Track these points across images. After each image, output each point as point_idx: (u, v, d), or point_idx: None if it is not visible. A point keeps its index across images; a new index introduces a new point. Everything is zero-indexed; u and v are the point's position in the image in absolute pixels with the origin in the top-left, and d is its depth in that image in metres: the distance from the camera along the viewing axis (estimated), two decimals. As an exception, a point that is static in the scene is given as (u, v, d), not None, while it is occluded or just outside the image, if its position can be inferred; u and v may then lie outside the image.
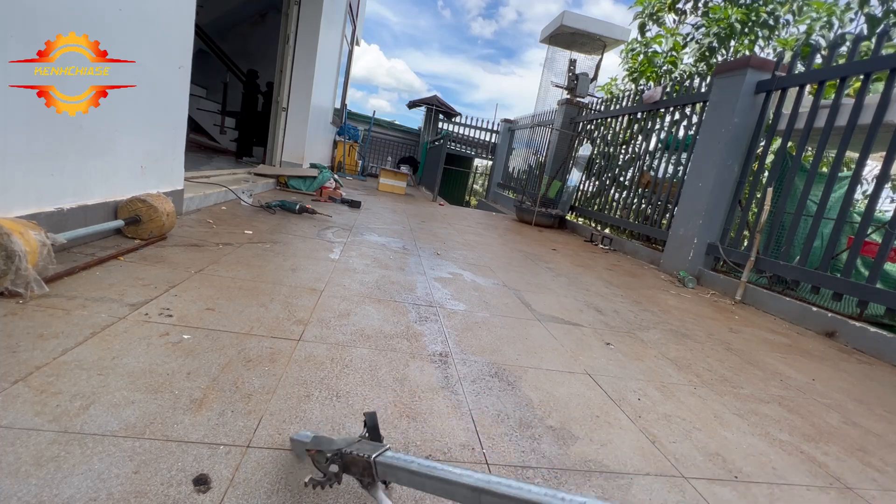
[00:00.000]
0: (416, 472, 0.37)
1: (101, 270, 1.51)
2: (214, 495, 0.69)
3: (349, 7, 7.25)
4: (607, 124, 5.89)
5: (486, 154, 11.88)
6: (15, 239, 1.18)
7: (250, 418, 0.89)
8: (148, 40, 1.97)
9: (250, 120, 6.41)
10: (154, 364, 1.01)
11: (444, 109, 11.53)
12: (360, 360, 1.23)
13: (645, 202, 4.71)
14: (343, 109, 9.19)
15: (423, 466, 0.39)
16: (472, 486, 0.31)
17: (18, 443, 0.72)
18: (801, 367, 1.86)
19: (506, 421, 1.06)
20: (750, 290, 2.96)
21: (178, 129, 2.40)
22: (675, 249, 3.68)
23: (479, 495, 0.30)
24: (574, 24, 6.39)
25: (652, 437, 1.11)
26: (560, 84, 6.66)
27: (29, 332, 1.05)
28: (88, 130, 1.70)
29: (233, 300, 1.46)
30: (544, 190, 6.49)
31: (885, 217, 3.98)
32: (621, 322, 2.06)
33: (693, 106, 4.22)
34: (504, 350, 1.48)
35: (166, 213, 1.96)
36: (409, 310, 1.71)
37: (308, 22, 5.23)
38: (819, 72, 2.96)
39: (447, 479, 0.27)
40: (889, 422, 1.47)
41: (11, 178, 1.40)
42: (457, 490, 0.34)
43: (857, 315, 2.45)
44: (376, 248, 2.74)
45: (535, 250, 3.76)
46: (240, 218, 2.82)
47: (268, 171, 4.80)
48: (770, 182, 3.16)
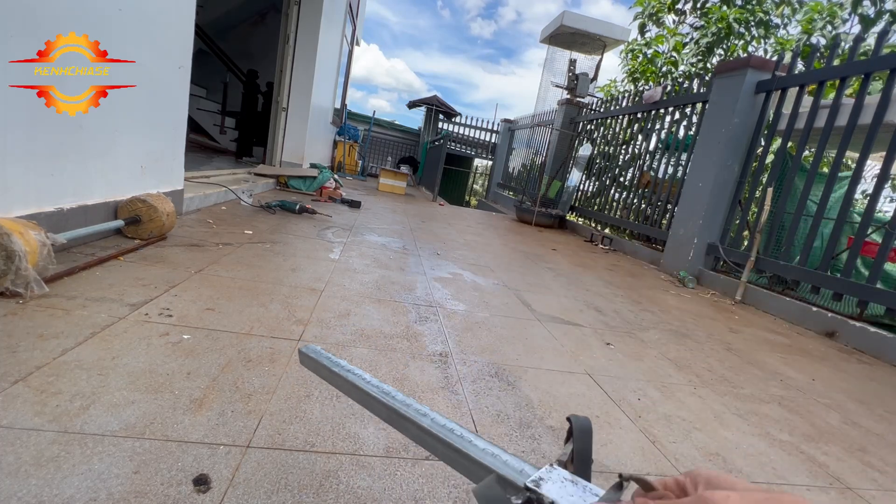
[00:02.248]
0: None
1: (101, 270, 1.51)
2: (214, 495, 0.69)
3: (349, 7, 7.25)
4: (607, 124, 5.89)
5: (486, 154, 11.87)
6: (15, 239, 1.18)
7: (250, 418, 0.89)
8: (148, 40, 1.97)
9: (250, 120, 6.40)
10: (154, 364, 1.01)
11: (444, 109, 11.52)
12: (360, 360, 1.23)
13: (645, 202, 4.71)
14: (343, 109, 9.19)
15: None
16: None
17: (18, 443, 0.72)
18: (802, 367, 1.86)
19: (506, 421, 1.06)
20: (750, 290, 2.96)
21: (178, 129, 2.40)
22: (675, 249, 3.68)
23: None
24: (574, 24, 6.39)
25: (652, 437, 1.11)
26: (560, 84, 6.65)
27: (29, 332, 1.05)
28: (88, 130, 1.70)
29: (233, 300, 1.46)
30: (544, 190, 6.49)
31: (885, 217, 3.98)
32: (621, 322, 2.06)
33: (693, 106, 4.22)
34: (504, 350, 1.48)
35: (166, 213, 1.96)
36: (409, 310, 1.71)
37: (308, 22, 5.22)
38: (819, 72, 2.96)
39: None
40: (889, 422, 1.47)
41: (11, 178, 1.40)
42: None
43: (857, 315, 2.45)
44: (376, 248, 2.74)
45: (535, 250, 3.76)
46: (240, 218, 2.82)
47: (268, 171, 4.80)
48: (770, 182, 3.15)
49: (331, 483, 0.77)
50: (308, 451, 0.84)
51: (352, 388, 0.41)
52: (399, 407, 0.38)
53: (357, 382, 0.41)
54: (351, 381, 0.41)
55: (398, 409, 0.38)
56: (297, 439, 0.86)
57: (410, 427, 0.37)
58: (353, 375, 0.42)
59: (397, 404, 0.38)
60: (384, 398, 0.38)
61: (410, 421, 0.37)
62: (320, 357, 0.42)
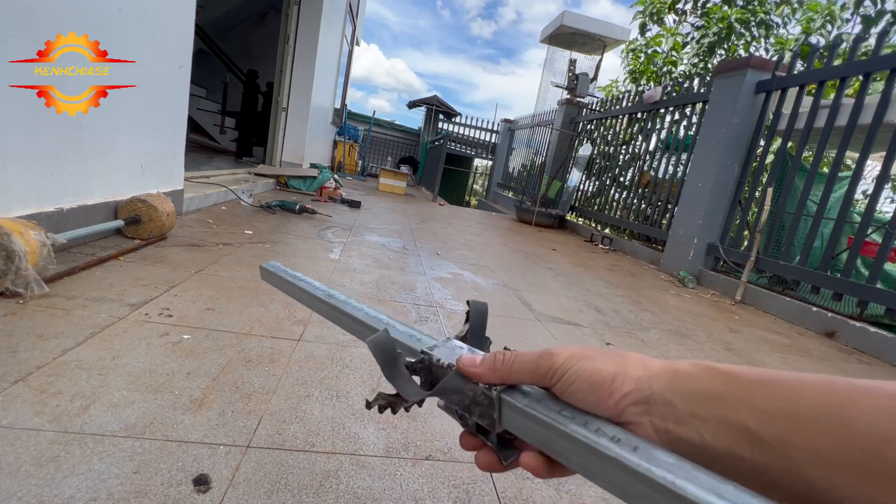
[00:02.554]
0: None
1: (101, 270, 1.51)
2: (214, 495, 0.69)
3: (349, 7, 7.25)
4: (607, 124, 5.90)
5: (486, 154, 11.88)
6: (15, 239, 1.18)
7: (250, 418, 0.89)
8: (148, 40, 1.97)
9: (250, 120, 6.41)
10: (154, 364, 1.01)
11: (444, 109, 11.52)
12: (361, 359, 1.23)
13: (645, 202, 4.72)
14: (343, 109, 9.19)
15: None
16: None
17: (18, 443, 0.72)
18: (802, 368, 1.86)
19: (506, 421, 1.06)
20: (750, 290, 2.96)
21: (178, 129, 2.40)
22: (675, 249, 3.68)
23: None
24: (574, 24, 6.39)
25: (652, 437, 1.11)
26: (560, 84, 6.66)
27: (29, 332, 1.05)
28: (88, 130, 1.70)
29: (233, 300, 1.46)
30: (544, 190, 6.49)
31: (885, 217, 3.98)
32: (621, 322, 2.06)
33: (693, 106, 4.22)
34: (504, 350, 1.47)
35: (166, 213, 1.96)
36: (410, 310, 1.71)
37: (308, 22, 5.23)
38: (819, 72, 2.96)
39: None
40: (889, 422, 1.47)
41: (11, 178, 1.40)
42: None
43: (857, 315, 2.45)
44: (376, 247, 2.74)
45: (535, 250, 3.76)
46: (240, 218, 2.82)
47: (268, 171, 4.80)
48: (770, 182, 3.16)
49: (331, 483, 0.77)
50: (308, 451, 0.84)
51: (302, 295, 0.48)
52: (338, 304, 0.45)
53: (307, 288, 0.48)
54: (301, 288, 0.48)
55: (336, 306, 0.45)
56: (297, 439, 0.86)
57: (346, 319, 0.44)
58: (305, 283, 0.48)
59: (336, 302, 0.45)
60: (326, 298, 0.46)
61: (346, 314, 0.44)
62: (279, 271, 0.49)
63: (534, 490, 0.85)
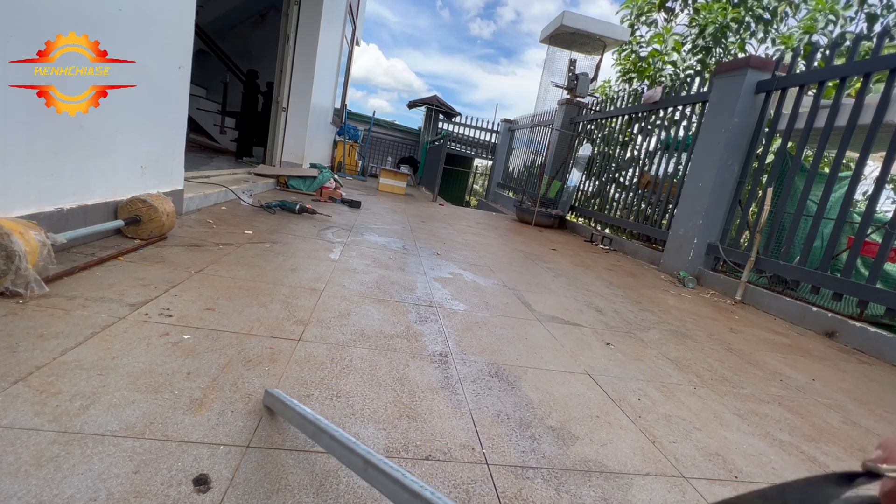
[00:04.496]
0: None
1: (101, 270, 1.51)
2: (214, 495, 0.69)
3: (349, 7, 7.25)
4: (607, 124, 5.90)
5: (486, 154, 11.88)
6: (15, 239, 1.18)
7: (250, 418, 0.89)
8: (148, 40, 1.97)
9: (250, 120, 6.40)
10: (154, 364, 1.01)
11: (443, 109, 11.53)
12: (360, 360, 1.23)
13: (645, 202, 4.72)
14: (343, 109, 9.19)
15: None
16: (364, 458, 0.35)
17: (18, 443, 0.72)
18: (802, 367, 1.86)
19: (506, 421, 1.06)
20: (750, 290, 2.96)
21: (178, 129, 2.39)
22: (675, 249, 3.68)
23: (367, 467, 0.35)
24: (574, 24, 6.38)
25: (652, 437, 1.11)
26: (560, 84, 6.65)
27: (29, 332, 1.05)
28: (88, 130, 1.70)
29: (233, 300, 1.46)
30: (544, 190, 6.49)
31: (885, 217, 3.98)
32: (621, 322, 2.06)
33: (693, 106, 4.22)
34: (504, 350, 1.48)
35: (166, 213, 1.96)
36: (409, 310, 1.71)
37: (308, 22, 5.22)
38: (819, 72, 2.96)
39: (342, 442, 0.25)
40: (889, 422, 1.47)
41: (11, 178, 1.40)
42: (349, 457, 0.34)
43: (857, 315, 2.45)
44: (376, 248, 2.74)
45: (535, 250, 3.76)
46: (240, 218, 2.82)
47: (268, 171, 4.80)
48: (770, 182, 3.16)
49: (331, 483, 0.77)
50: (308, 451, 0.84)
51: (303, 423, 0.43)
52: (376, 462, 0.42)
53: (309, 418, 0.43)
54: (302, 415, 0.43)
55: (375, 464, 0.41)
56: (297, 439, 0.86)
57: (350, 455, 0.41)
58: (307, 413, 0.43)
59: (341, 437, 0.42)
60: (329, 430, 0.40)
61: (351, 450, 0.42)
62: (282, 398, 0.43)
63: (534, 490, 0.85)
